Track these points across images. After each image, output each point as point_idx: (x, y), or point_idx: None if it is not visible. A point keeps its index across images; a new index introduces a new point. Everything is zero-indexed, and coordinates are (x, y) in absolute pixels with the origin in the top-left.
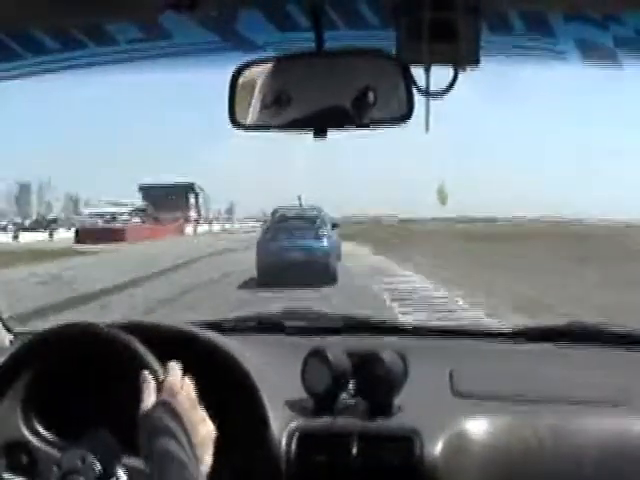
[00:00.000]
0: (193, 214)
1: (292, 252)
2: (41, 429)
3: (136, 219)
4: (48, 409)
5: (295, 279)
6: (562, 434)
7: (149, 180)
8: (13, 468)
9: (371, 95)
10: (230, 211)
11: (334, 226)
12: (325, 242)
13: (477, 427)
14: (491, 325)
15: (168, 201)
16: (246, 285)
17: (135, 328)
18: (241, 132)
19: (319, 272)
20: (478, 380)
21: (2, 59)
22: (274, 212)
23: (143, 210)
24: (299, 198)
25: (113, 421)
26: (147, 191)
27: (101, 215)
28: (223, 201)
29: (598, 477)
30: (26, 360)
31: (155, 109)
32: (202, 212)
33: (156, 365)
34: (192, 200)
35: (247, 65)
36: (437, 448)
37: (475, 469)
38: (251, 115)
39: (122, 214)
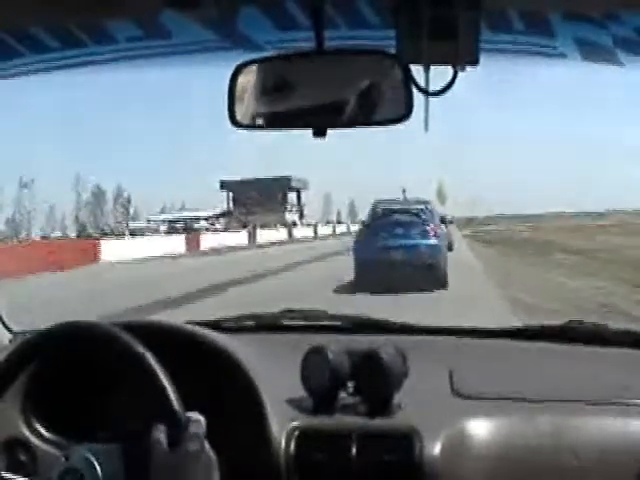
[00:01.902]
0: (290, 216)
1: (395, 252)
2: (41, 428)
3: (217, 225)
4: (48, 408)
5: (398, 283)
6: (562, 433)
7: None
8: (12, 466)
9: (371, 94)
10: (353, 212)
11: (443, 221)
12: (433, 240)
13: (477, 426)
14: (491, 325)
15: (259, 201)
16: (342, 289)
17: (135, 327)
18: None
19: (426, 275)
20: (478, 379)
21: (1, 57)
22: (374, 206)
23: (224, 214)
24: (403, 191)
25: (113, 420)
26: (231, 189)
27: (174, 222)
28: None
29: (598, 477)
30: (26, 359)
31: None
32: (304, 212)
33: (155, 365)
34: (291, 199)
35: (247, 64)
36: (437, 447)
37: (475, 468)
38: (251, 114)
39: (199, 220)
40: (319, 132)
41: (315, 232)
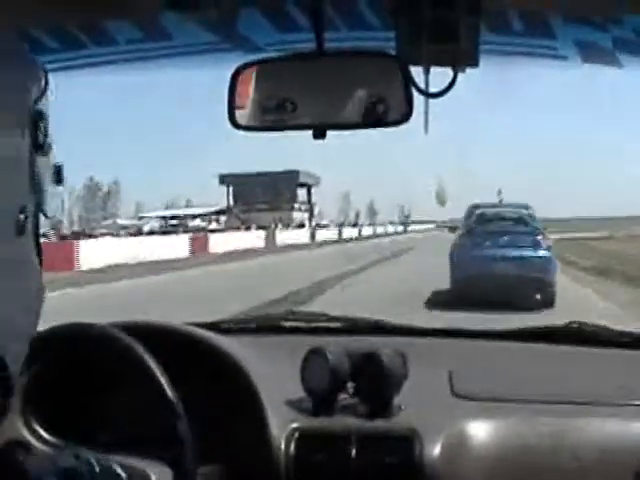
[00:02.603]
0: (299, 215)
1: (502, 263)
2: (41, 429)
3: (212, 224)
4: (47, 409)
5: (503, 299)
6: (562, 434)
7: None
8: (12, 468)
9: (371, 96)
10: (372, 212)
11: None
12: (545, 251)
13: (476, 427)
14: (490, 325)
15: (264, 197)
16: (436, 304)
17: (135, 328)
18: None
19: (534, 292)
20: (477, 380)
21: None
22: (471, 210)
23: (223, 212)
24: (499, 193)
25: (112, 421)
26: (231, 183)
27: (167, 219)
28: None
29: (598, 477)
30: (26, 360)
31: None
32: (315, 212)
33: (155, 366)
34: (301, 196)
35: (247, 65)
36: (436, 448)
37: (474, 469)
38: (250, 116)
39: (194, 218)
40: (319, 134)
41: (340, 233)
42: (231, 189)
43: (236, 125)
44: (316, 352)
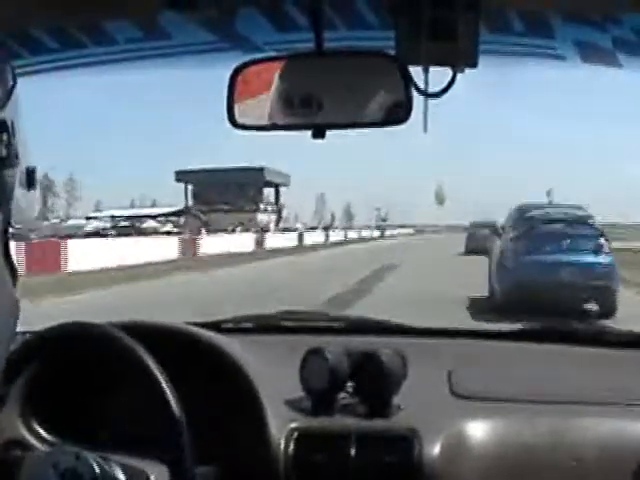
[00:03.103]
0: (265, 217)
1: (564, 269)
2: (40, 429)
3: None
4: (47, 409)
5: (557, 308)
6: (562, 434)
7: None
8: (11, 468)
9: (370, 95)
10: (348, 215)
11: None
12: (606, 257)
13: (476, 427)
14: (490, 325)
15: (225, 196)
16: (479, 313)
17: (134, 328)
18: None
19: (595, 301)
20: (477, 380)
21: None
22: (520, 211)
23: (180, 213)
24: (548, 193)
25: (112, 420)
26: (190, 180)
27: (117, 219)
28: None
29: (598, 477)
30: (25, 359)
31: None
32: (283, 214)
33: (154, 365)
34: (268, 196)
35: (246, 65)
36: (436, 448)
37: (474, 469)
38: (249, 115)
39: (144, 219)
40: (318, 133)
41: (300, 239)
42: (191, 188)
43: (235, 125)
44: (315, 352)
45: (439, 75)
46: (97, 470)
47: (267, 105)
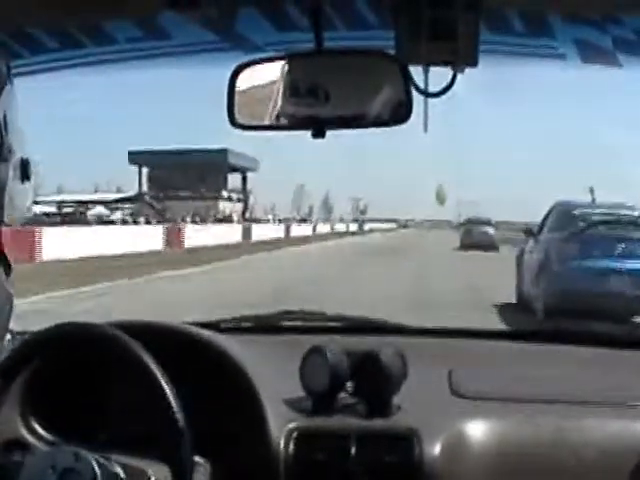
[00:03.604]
0: (229, 205)
1: (619, 277)
2: (39, 428)
3: (117, 215)
4: (47, 409)
5: (604, 318)
6: (561, 434)
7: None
8: (11, 468)
9: (370, 95)
10: (327, 207)
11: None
12: None
13: (476, 427)
14: (490, 325)
15: (183, 181)
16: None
17: (133, 328)
18: None
19: None
20: (477, 380)
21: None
22: (563, 210)
23: (134, 199)
24: (591, 191)
25: (111, 420)
26: (144, 163)
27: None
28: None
29: (598, 477)
30: (24, 359)
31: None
32: (250, 203)
33: (154, 365)
34: (231, 182)
35: (246, 65)
36: (436, 448)
37: (474, 469)
38: (250, 115)
39: (92, 206)
40: (318, 133)
41: (247, 233)
42: (146, 171)
43: (235, 124)
44: (315, 351)
45: (439, 75)
46: (97, 470)
47: (267, 105)
